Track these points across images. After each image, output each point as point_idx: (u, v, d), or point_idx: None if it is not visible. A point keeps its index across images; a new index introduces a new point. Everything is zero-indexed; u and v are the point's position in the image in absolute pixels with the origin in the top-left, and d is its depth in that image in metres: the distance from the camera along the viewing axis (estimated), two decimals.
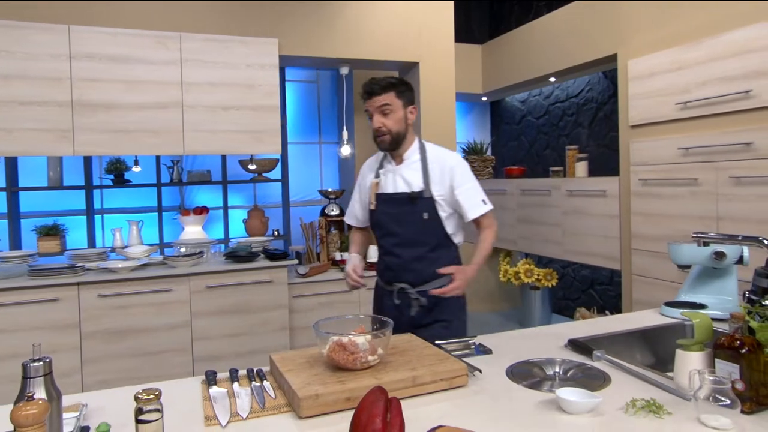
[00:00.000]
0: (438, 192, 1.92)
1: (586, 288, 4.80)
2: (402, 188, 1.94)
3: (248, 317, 3.23)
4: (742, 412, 1.08)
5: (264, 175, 4.13)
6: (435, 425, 1.06)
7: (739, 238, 1.52)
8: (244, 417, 1.16)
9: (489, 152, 5.52)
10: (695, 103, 2.97)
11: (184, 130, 3.18)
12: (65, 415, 1.10)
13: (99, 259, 3.36)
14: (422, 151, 1.96)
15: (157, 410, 0.83)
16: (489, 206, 1.95)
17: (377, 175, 2.01)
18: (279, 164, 4.17)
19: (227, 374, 1.42)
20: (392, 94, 1.88)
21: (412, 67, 3.80)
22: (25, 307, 2.80)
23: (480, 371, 1.37)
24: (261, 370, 1.44)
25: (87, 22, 3.03)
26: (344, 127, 3.82)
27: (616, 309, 4.28)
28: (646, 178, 3.31)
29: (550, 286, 4.57)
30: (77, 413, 1.10)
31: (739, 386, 1.11)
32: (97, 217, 3.95)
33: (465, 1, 5.46)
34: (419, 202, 1.90)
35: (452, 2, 3.81)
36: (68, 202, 3.88)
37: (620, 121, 3.56)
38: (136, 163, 3.79)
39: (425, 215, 1.90)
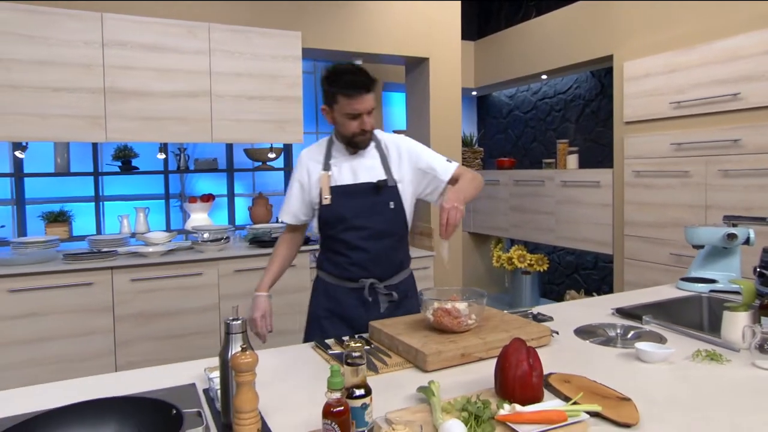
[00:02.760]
0: (399, 178, 1.84)
1: (570, 273, 5.14)
2: (364, 178, 1.82)
3: (273, 299, 3.35)
4: None
5: (268, 163, 4.24)
6: (546, 372, 1.28)
7: None
8: (378, 372, 1.34)
9: (477, 145, 5.77)
10: (688, 102, 3.29)
11: (212, 119, 3.27)
12: (212, 374, 1.27)
13: (119, 245, 3.41)
14: (375, 138, 1.87)
15: (362, 356, 1.00)
16: (455, 163, 1.89)
17: (327, 167, 1.85)
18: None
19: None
20: (374, 91, 1.75)
21: (421, 62, 3.98)
22: (61, 290, 2.85)
23: (557, 333, 1.59)
24: (362, 335, 1.62)
25: (118, 10, 3.06)
26: None
27: (603, 292, 4.63)
28: (640, 170, 3.62)
29: (541, 270, 4.88)
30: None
31: None
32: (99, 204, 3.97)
33: None
34: (384, 191, 1.81)
35: (460, 0, 4.01)
36: (70, 188, 3.88)
37: (615, 118, 3.87)
38: (162, 150, 3.85)
39: (391, 204, 1.81)
